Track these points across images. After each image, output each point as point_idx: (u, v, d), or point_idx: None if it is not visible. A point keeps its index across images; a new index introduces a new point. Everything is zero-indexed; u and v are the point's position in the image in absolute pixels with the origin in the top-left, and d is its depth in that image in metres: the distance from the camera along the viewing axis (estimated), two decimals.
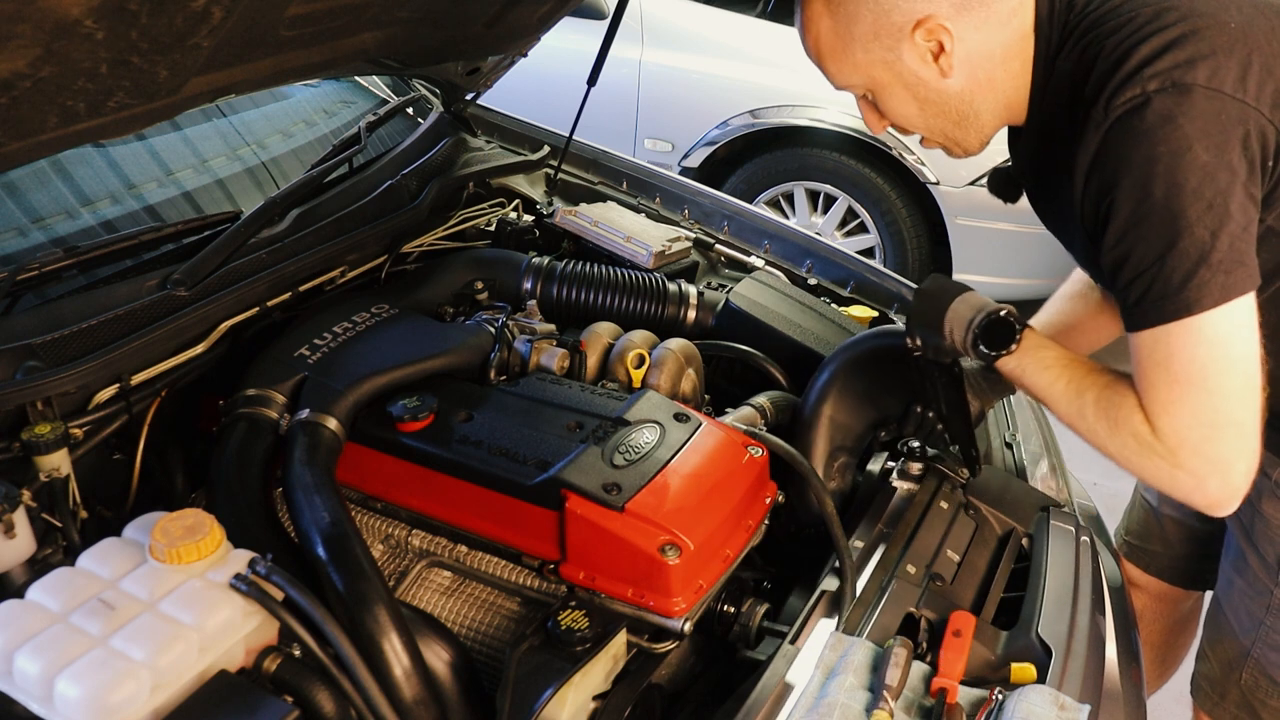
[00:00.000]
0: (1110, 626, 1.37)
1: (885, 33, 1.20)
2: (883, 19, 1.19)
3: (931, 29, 1.18)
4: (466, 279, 1.73)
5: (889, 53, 1.22)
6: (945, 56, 1.20)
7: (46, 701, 0.85)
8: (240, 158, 1.80)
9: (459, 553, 1.29)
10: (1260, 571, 1.41)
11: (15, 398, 1.17)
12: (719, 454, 1.30)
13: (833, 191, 3.81)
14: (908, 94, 1.26)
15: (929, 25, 1.18)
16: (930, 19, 1.18)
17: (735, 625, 1.26)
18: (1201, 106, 1.03)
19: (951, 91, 1.24)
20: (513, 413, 1.35)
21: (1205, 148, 1.02)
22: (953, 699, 1.10)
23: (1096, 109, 1.09)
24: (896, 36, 1.20)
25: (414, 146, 1.94)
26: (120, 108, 1.11)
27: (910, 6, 1.18)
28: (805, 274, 2.02)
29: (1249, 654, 1.45)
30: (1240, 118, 1.04)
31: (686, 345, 1.59)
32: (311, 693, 0.95)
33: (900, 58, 1.22)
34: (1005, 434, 1.70)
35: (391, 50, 1.63)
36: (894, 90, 1.26)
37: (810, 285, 2.00)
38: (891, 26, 1.20)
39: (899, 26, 1.20)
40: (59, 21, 0.89)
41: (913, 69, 1.22)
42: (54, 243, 1.44)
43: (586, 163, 2.27)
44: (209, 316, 1.41)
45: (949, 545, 1.39)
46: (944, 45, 1.19)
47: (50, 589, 0.93)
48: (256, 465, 1.23)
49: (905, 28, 1.19)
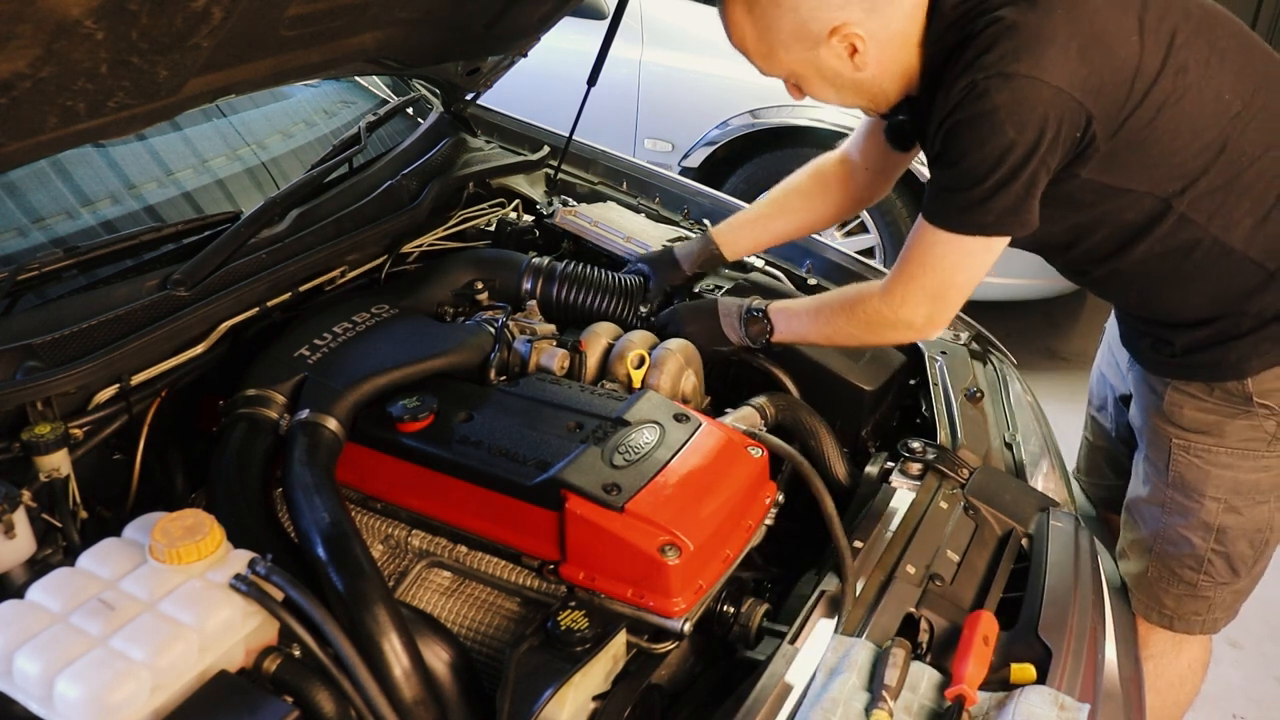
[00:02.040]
0: (1110, 626, 1.37)
1: (804, 38, 1.35)
2: (801, 27, 1.34)
3: (846, 34, 1.33)
4: (466, 279, 1.73)
5: (808, 53, 1.37)
6: (859, 55, 1.36)
7: (46, 702, 0.85)
8: (240, 158, 1.80)
9: (459, 553, 1.29)
10: (1155, 478, 1.62)
11: (15, 398, 1.16)
12: (719, 454, 1.30)
13: None
14: (825, 83, 1.42)
15: (844, 31, 1.33)
16: (844, 26, 1.32)
17: (735, 625, 1.26)
18: (1018, 92, 1.24)
19: (864, 78, 1.40)
20: (513, 413, 1.35)
21: (1013, 126, 1.26)
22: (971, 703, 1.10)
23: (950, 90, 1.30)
24: (814, 41, 1.35)
25: (414, 147, 1.94)
26: (120, 108, 1.11)
27: (826, 15, 1.32)
28: (805, 274, 2.02)
29: (1152, 549, 1.65)
30: (1048, 100, 1.25)
31: (687, 345, 1.60)
32: (311, 693, 0.95)
33: (818, 57, 1.37)
34: (1005, 434, 1.70)
35: (391, 50, 1.63)
36: (813, 80, 1.43)
37: (810, 285, 1.99)
38: (809, 33, 1.34)
39: (816, 33, 1.34)
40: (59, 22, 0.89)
41: (830, 66, 1.38)
42: (54, 243, 1.45)
43: (586, 163, 2.27)
44: (209, 316, 1.41)
45: (949, 545, 1.39)
46: (857, 47, 1.35)
47: (50, 589, 0.93)
48: (256, 465, 1.23)
49: (822, 34, 1.34)
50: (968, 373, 1.79)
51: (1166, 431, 1.57)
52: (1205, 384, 1.50)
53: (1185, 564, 1.62)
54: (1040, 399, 1.89)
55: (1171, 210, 1.37)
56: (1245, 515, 1.56)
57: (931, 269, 1.41)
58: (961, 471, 1.52)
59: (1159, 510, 1.62)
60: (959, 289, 1.42)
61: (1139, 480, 1.67)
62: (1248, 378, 1.46)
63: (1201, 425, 1.52)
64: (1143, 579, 1.68)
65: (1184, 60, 1.31)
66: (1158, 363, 1.56)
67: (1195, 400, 1.52)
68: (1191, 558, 1.61)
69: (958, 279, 1.41)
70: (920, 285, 1.42)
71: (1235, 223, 1.38)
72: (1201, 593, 1.63)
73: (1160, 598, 1.66)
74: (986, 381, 1.80)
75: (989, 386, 1.79)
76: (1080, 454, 2.04)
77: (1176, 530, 1.60)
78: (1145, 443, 1.64)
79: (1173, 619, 1.67)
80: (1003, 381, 1.83)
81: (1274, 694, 2.52)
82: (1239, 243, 1.39)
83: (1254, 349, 1.44)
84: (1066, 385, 3.67)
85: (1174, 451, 1.57)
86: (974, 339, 1.90)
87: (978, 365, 1.84)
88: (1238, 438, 1.51)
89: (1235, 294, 1.43)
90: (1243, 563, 1.60)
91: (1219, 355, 1.46)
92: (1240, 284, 1.42)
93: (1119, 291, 1.57)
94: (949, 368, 1.77)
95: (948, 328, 1.89)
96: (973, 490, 1.50)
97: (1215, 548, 1.59)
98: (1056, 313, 4.35)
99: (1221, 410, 1.50)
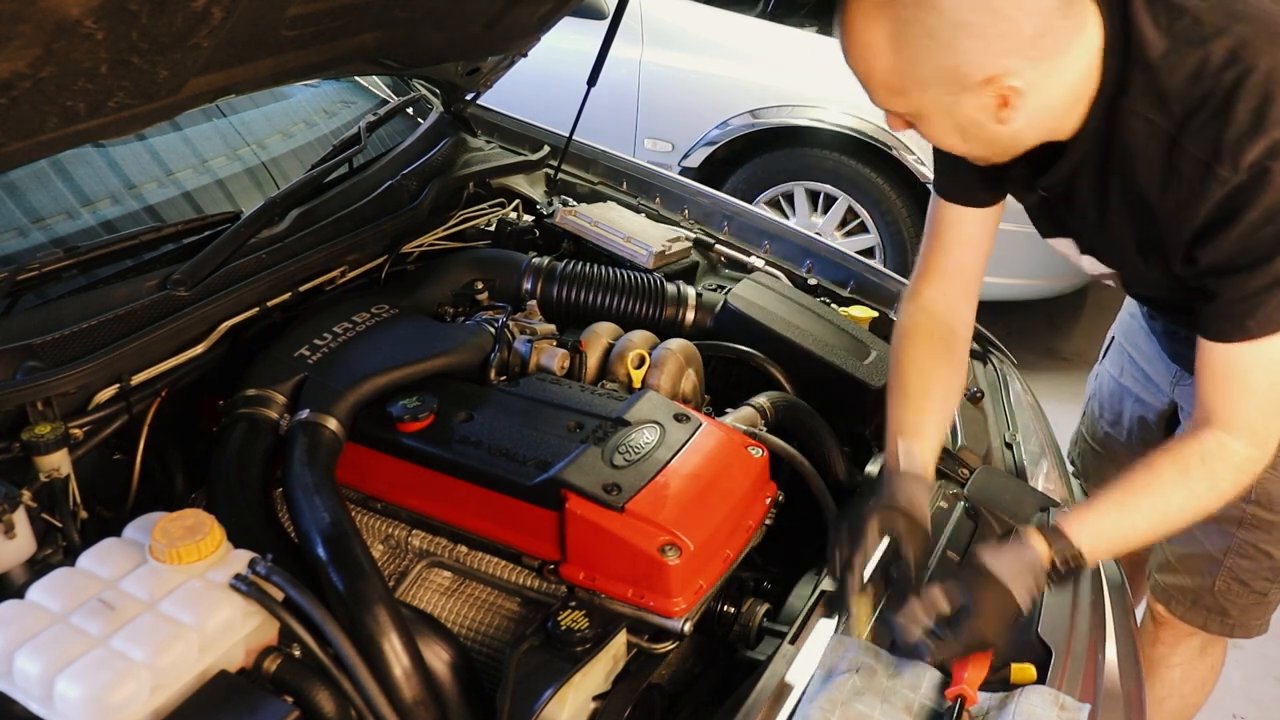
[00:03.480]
0: (1110, 626, 1.37)
1: (950, 80, 1.12)
2: (951, 69, 1.10)
3: (1002, 86, 1.11)
4: (466, 279, 1.73)
5: (948, 97, 1.14)
6: (1008, 110, 1.14)
7: (46, 702, 0.85)
8: (240, 158, 1.80)
9: (459, 553, 1.29)
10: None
11: (15, 398, 1.16)
12: (719, 454, 1.30)
13: (833, 191, 3.81)
14: (955, 130, 1.20)
15: (1001, 82, 1.11)
16: (1003, 75, 1.10)
17: (735, 625, 1.26)
18: None
19: (1004, 132, 1.18)
20: (513, 413, 1.35)
21: None
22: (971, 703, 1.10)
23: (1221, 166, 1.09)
24: (961, 85, 1.12)
25: (414, 147, 1.94)
26: (120, 108, 1.11)
27: (984, 61, 1.09)
28: (805, 274, 2.02)
29: (1221, 564, 1.61)
30: None
31: (687, 346, 1.60)
32: (311, 693, 0.95)
33: (959, 103, 1.14)
34: (1005, 434, 1.70)
35: (391, 50, 1.63)
36: (941, 123, 1.19)
37: (810, 285, 1.99)
38: (959, 76, 1.11)
39: (967, 77, 1.11)
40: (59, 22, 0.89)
41: (970, 115, 1.16)
42: (54, 243, 1.44)
43: (586, 163, 2.27)
44: (209, 316, 1.41)
45: (949, 545, 1.39)
46: (1010, 101, 1.13)
47: (50, 589, 0.93)
48: (256, 465, 1.23)
49: (974, 80, 1.11)
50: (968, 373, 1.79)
51: None
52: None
53: (1262, 575, 1.61)
54: (1040, 399, 1.89)
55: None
56: None
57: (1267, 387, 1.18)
58: (961, 471, 1.52)
59: (1231, 526, 1.59)
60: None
61: None
62: None
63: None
64: (1205, 593, 1.66)
65: None
66: None
67: None
68: (1270, 569, 1.61)
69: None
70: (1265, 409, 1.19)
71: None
72: (1271, 600, 1.65)
73: (1226, 609, 1.66)
74: (987, 381, 1.80)
75: (989, 386, 1.79)
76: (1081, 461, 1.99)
77: (1255, 545, 1.59)
78: None
79: (1235, 627, 1.68)
80: (1003, 381, 1.83)
81: (1274, 694, 2.52)
82: None
83: None
84: (1066, 385, 3.67)
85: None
86: (974, 339, 1.90)
87: (978, 365, 1.84)
88: None
89: None
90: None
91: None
92: None
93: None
94: None
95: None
96: (973, 490, 1.50)
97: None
98: (1056, 313, 4.35)
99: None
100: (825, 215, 3.87)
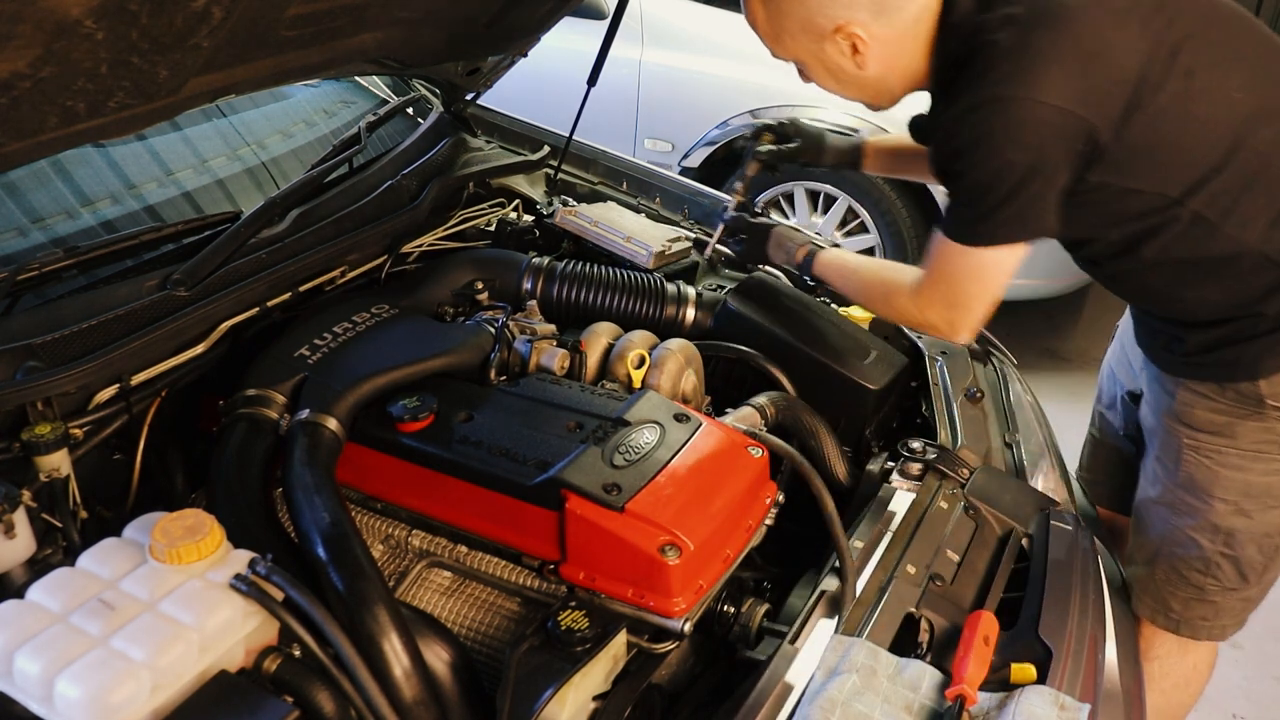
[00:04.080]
0: (1110, 626, 1.37)
1: (810, 30, 1.42)
2: (808, 20, 1.41)
3: (849, 34, 1.39)
4: (466, 279, 1.73)
5: (813, 44, 1.43)
6: (860, 55, 1.41)
7: (46, 702, 0.85)
8: (240, 158, 1.80)
9: (459, 553, 1.29)
10: (1164, 478, 1.61)
11: (15, 398, 1.16)
12: (719, 454, 1.30)
13: (833, 191, 3.81)
14: (829, 76, 1.49)
15: (846, 30, 1.39)
16: (848, 24, 1.38)
17: (735, 625, 1.26)
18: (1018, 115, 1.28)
19: (867, 76, 1.45)
20: (513, 413, 1.35)
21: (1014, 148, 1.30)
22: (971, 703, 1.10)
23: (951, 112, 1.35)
24: (819, 35, 1.41)
25: (414, 146, 1.94)
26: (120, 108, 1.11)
27: (832, 12, 1.38)
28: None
29: (1160, 553, 1.65)
30: (1046, 119, 1.28)
31: (687, 345, 1.60)
32: (311, 693, 0.95)
33: (823, 50, 1.43)
34: (1005, 434, 1.70)
35: (391, 50, 1.63)
36: (818, 71, 1.49)
37: (810, 285, 1.99)
38: (815, 27, 1.41)
39: (822, 28, 1.40)
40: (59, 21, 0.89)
41: (834, 60, 1.44)
42: (54, 243, 1.44)
43: (586, 163, 2.27)
44: (209, 316, 1.41)
45: (949, 545, 1.39)
46: (859, 47, 1.40)
47: (50, 589, 0.93)
48: (256, 465, 1.23)
49: (827, 29, 1.40)
50: (968, 373, 1.79)
51: (1177, 431, 1.56)
52: (1218, 384, 1.49)
53: (1193, 566, 1.61)
54: (1040, 399, 1.89)
55: (1184, 209, 1.37)
56: (1255, 519, 1.55)
57: (947, 279, 1.45)
58: (961, 471, 1.53)
59: (1167, 511, 1.62)
60: (977, 298, 1.45)
61: (1148, 481, 1.66)
62: (1260, 379, 1.45)
63: (1213, 426, 1.52)
64: (1150, 582, 1.67)
65: (1190, 64, 1.32)
66: (1170, 362, 1.56)
67: (1207, 400, 1.51)
68: (1199, 560, 1.60)
69: (973, 288, 1.44)
70: (940, 294, 1.47)
71: (1250, 222, 1.37)
72: (1209, 597, 1.63)
73: (1167, 601, 1.66)
74: (987, 381, 1.80)
75: (989, 386, 1.79)
76: (1085, 451, 2.03)
77: (1185, 532, 1.60)
78: (1156, 443, 1.63)
79: (1179, 623, 1.66)
80: (1003, 381, 1.83)
81: (1274, 694, 2.52)
82: (1255, 242, 1.38)
83: (1269, 350, 1.44)
84: (1066, 385, 3.67)
85: (1184, 451, 1.56)
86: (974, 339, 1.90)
87: (978, 365, 1.84)
88: (1249, 439, 1.50)
89: (1251, 294, 1.42)
90: (1252, 569, 1.59)
91: (1233, 355, 1.46)
92: (1256, 284, 1.41)
93: (1134, 289, 1.57)
94: (949, 368, 1.77)
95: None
96: (973, 490, 1.50)
97: (1223, 550, 1.58)
98: (1056, 313, 4.35)
99: (1234, 411, 1.49)
100: (825, 215, 3.87)
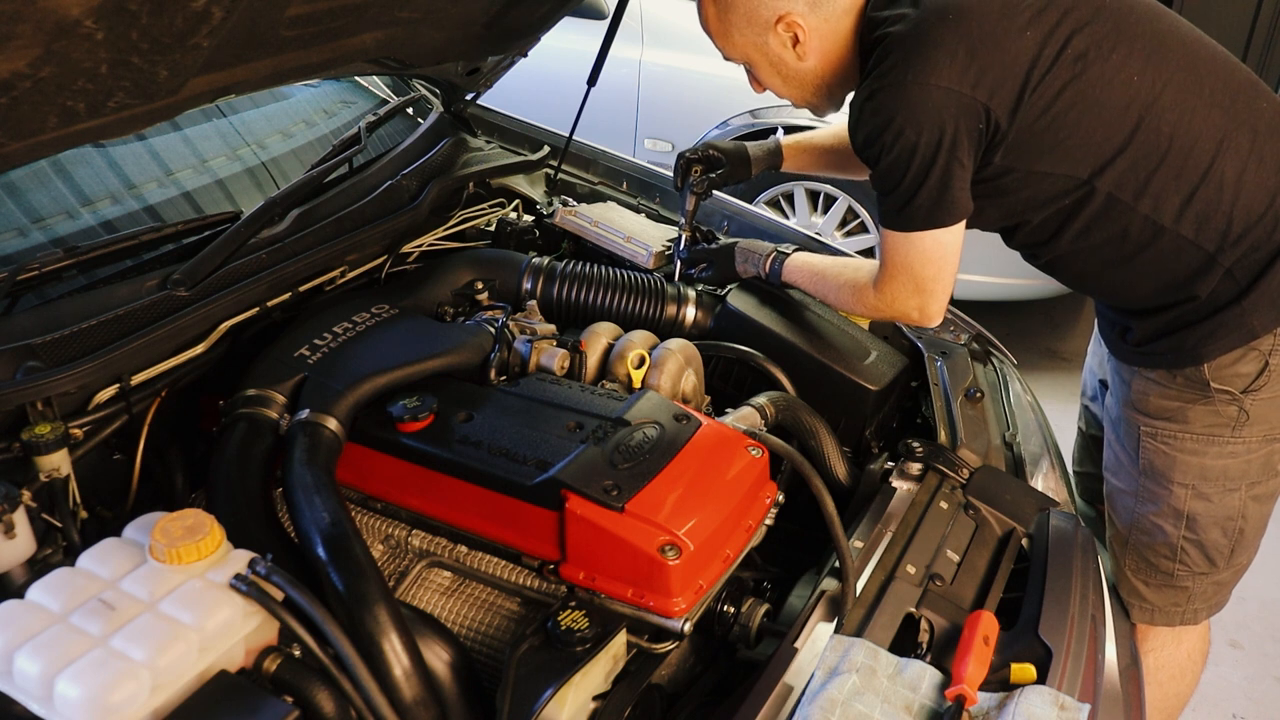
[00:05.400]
0: (1110, 626, 1.37)
1: (754, 23, 1.51)
2: (752, 13, 1.50)
3: (789, 23, 1.49)
4: (466, 279, 1.73)
5: (758, 38, 1.53)
6: (800, 45, 1.51)
7: (46, 701, 0.85)
8: (240, 158, 1.80)
9: (459, 553, 1.29)
10: (1128, 466, 1.64)
11: (15, 398, 1.16)
12: (719, 454, 1.30)
13: (833, 192, 3.81)
14: (774, 71, 1.57)
15: (787, 20, 1.49)
16: (788, 15, 1.48)
17: (735, 625, 1.26)
18: (910, 98, 1.36)
19: (807, 70, 1.55)
20: (513, 413, 1.35)
21: (912, 129, 1.37)
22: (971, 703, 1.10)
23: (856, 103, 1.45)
24: (763, 27, 1.51)
25: (414, 146, 1.94)
26: (120, 108, 1.11)
27: (773, 4, 1.48)
28: None
29: (1129, 541, 1.68)
30: (939, 101, 1.36)
31: (687, 345, 1.60)
32: (311, 693, 0.95)
33: (767, 43, 1.53)
34: (1005, 434, 1.70)
35: (391, 50, 1.63)
36: (763, 67, 1.58)
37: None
38: (759, 18, 1.50)
39: (764, 20, 1.50)
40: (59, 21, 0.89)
41: (777, 53, 1.54)
42: (54, 243, 1.44)
43: (586, 163, 2.27)
44: (209, 316, 1.41)
45: (949, 545, 1.39)
46: (799, 37, 1.50)
47: (50, 589, 0.93)
48: (256, 465, 1.23)
49: (769, 21, 1.50)
50: (968, 373, 1.79)
51: (1135, 419, 1.59)
52: (1167, 371, 1.52)
53: (1160, 553, 1.63)
54: (1040, 399, 1.89)
55: (1095, 190, 1.42)
56: (1215, 502, 1.57)
57: (904, 269, 1.50)
58: (962, 471, 1.53)
59: (1132, 500, 1.64)
60: (933, 280, 1.50)
61: (1112, 471, 1.70)
62: (1204, 364, 1.48)
63: (1166, 412, 1.55)
64: (1124, 571, 1.69)
65: (1082, 47, 1.38)
66: (1125, 350, 1.59)
67: (1159, 387, 1.54)
68: (1165, 546, 1.62)
69: (926, 272, 1.49)
70: (902, 284, 1.52)
71: (1163, 201, 1.41)
72: (1179, 583, 1.65)
73: (1139, 589, 1.68)
74: (986, 381, 1.80)
75: (989, 386, 1.79)
76: (1075, 446, 2.05)
77: (1149, 519, 1.62)
78: (1118, 432, 1.66)
79: (1154, 611, 1.69)
80: (1003, 381, 1.83)
81: (1274, 694, 2.52)
82: (1170, 221, 1.42)
83: (1209, 335, 1.46)
84: (1066, 385, 3.67)
85: (1142, 439, 1.59)
86: (974, 339, 1.90)
87: (978, 365, 1.84)
88: (1202, 424, 1.53)
89: (1181, 278, 1.45)
90: (1218, 552, 1.61)
91: (1176, 342, 1.49)
92: (1183, 267, 1.44)
93: (1073, 277, 1.61)
94: (949, 368, 1.77)
95: (948, 328, 1.89)
96: (973, 490, 1.50)
97: (1187, 535, 1.60)
98: (1056, 313, 4.35)
99: (1184, 396, 1.52)
100: (825, 215, 3.87)
